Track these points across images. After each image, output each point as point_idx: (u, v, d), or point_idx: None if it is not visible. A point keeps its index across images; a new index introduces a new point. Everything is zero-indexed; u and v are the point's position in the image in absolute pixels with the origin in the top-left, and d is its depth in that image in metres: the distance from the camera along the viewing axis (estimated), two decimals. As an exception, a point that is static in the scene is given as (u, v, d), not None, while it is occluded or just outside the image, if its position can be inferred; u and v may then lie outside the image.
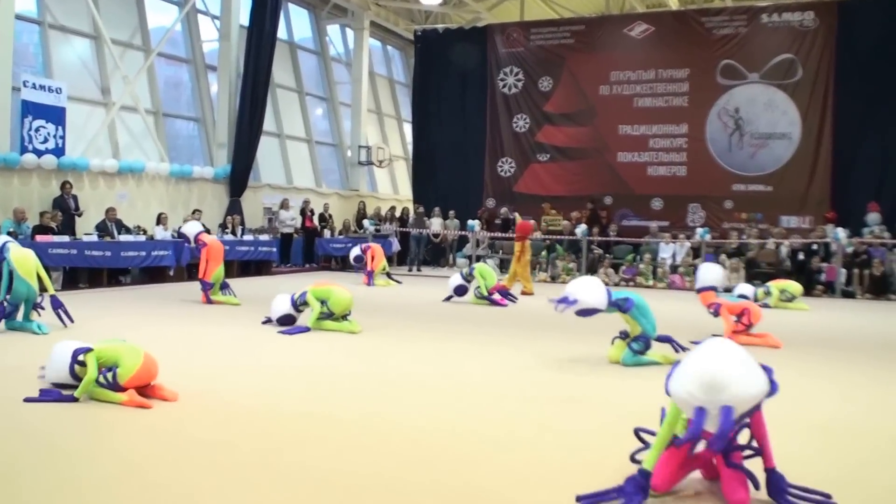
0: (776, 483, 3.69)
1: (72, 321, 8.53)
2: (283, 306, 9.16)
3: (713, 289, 9.09)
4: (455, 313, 11.42)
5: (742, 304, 9.11)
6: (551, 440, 4.75)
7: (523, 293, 14.07)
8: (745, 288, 12.95)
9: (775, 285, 13.22)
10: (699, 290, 9.16)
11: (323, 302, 8.96)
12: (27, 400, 5.30)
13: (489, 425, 5.06)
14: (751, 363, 3.49)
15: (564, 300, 6.93)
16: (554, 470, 4.14)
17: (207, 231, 13.11)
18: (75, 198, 14.60)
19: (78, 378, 5.44)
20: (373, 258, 15.81)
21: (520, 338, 9.01)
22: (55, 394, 5.40)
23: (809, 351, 8.54)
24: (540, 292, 14.94)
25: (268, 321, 9.26)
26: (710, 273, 9.17)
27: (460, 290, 12.65)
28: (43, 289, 8.54)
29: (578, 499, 3.57)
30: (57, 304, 8.53)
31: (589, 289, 7.01)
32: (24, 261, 8.36)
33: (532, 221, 17.20)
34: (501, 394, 6.01)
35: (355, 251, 16.04)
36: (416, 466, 4.20)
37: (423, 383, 6.40)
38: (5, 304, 8.25)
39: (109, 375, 5.33)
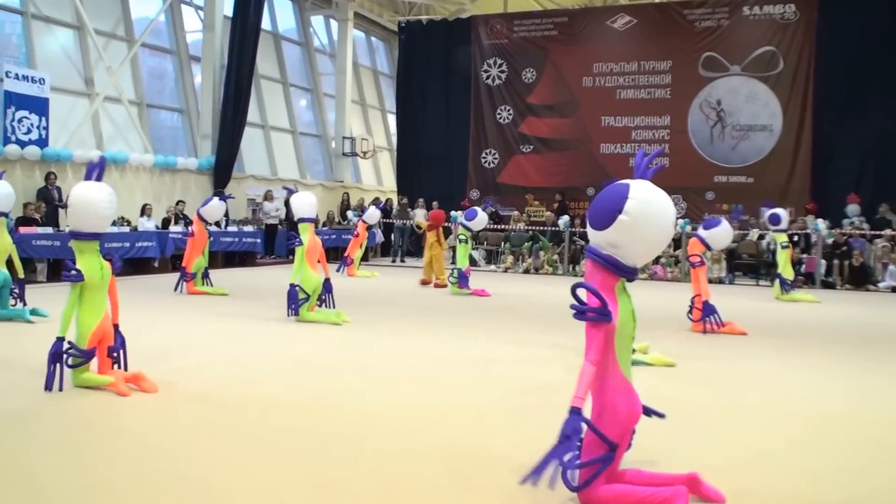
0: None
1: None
2: (307, 203, 9.25)
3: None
4: (438, 304, 11.51)
5: (702, 287, 9.05)
6: (533, 431, 4.84)
7: (437, 285, 13.89)
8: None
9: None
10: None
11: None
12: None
13: (472, 415, 5.17)
14: None
15: None
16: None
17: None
18: (59, 189, 14.56)
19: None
20: (357, 244, 15.90)
21: (504, 329, 9.12)
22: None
23: (791, 341, 8.69)
24: (521, 283, 15.07)
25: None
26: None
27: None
28: (14, 273, 8.68)
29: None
30: (20, 288, 8.80)
31: None
32: None
33: (442, 211, 15.62)
34: (485, 384, 6.11)
35: None
36: (399, 458, 4.28)
37: (406, 374, 6.48)
38: None
39: (73, 352, 5.40)
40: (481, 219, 13.10)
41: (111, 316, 5.66)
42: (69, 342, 5.38)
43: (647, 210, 3.43)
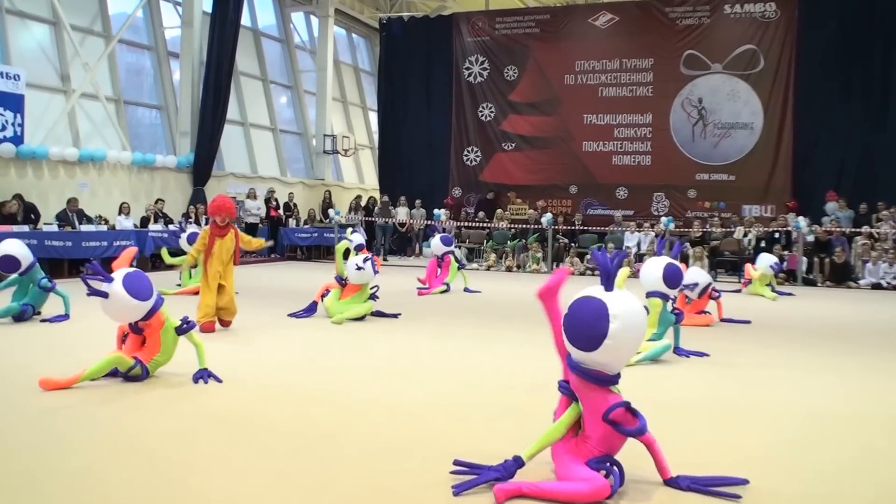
0: None
1: None
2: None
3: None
4: (426, 302, 11.44)
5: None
6: (515, 432, 4.77)
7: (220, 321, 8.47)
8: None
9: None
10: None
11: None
12: None
13: (458, 415, 5.10)
14: None
15: None
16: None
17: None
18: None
19: None
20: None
21: (489, 328, 9.05)
22: None
23: (774, 338, 8.68)
24: (503, 284, 15.01)
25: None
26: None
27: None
28: None
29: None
30: None
31: None
32: None
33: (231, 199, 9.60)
34: (470, 383, 6.05)
35: None
36: (382, 457, 4.21)
37: (394, 373, 6.41)
38: None
39: None
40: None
41: None
42: None
43: (630, 324, 3.50)
